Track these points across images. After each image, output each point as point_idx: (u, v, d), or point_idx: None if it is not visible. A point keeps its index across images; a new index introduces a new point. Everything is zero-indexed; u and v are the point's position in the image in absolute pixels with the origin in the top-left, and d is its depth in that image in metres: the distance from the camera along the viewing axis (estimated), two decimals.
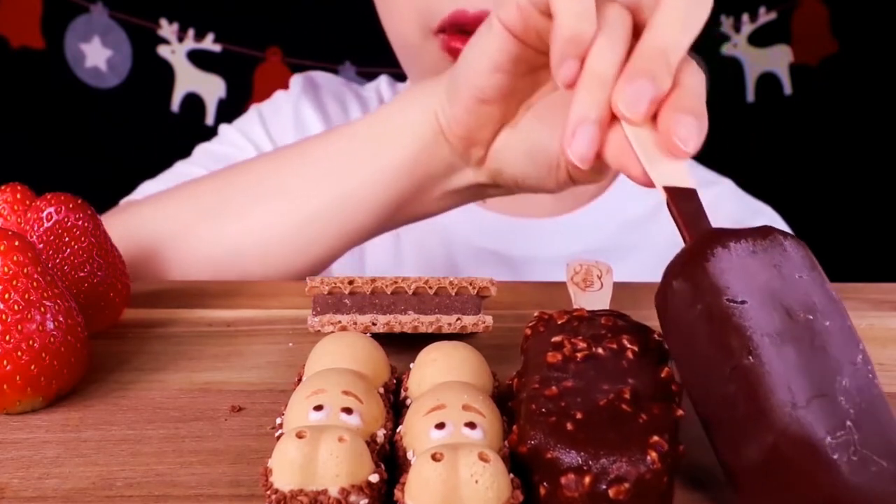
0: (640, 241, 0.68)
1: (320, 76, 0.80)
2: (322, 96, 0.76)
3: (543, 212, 0.69)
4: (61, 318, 0.36)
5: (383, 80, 0.79)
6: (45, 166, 1.27)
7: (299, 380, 0.35)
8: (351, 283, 0.41)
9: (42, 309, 0.36)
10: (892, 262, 1.21)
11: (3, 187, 0.44)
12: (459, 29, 0.53)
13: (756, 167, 1.29)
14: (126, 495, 0.31)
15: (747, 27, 1.34)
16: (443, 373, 0.34)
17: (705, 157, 0.76)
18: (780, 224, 0.70)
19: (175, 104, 1.51)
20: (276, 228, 0.51)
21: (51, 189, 0.43)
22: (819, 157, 1.32)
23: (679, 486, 0.31)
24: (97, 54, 1.39)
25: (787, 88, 1.35)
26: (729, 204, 0.71)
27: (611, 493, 0.28)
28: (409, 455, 0.30)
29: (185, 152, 0.75)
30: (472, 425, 0.29)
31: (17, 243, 0.36)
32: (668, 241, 0.65)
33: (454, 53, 0.53)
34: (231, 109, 1.34)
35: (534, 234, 0.69)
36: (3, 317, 0.35)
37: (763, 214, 0.72)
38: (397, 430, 0.32)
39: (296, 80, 0.78)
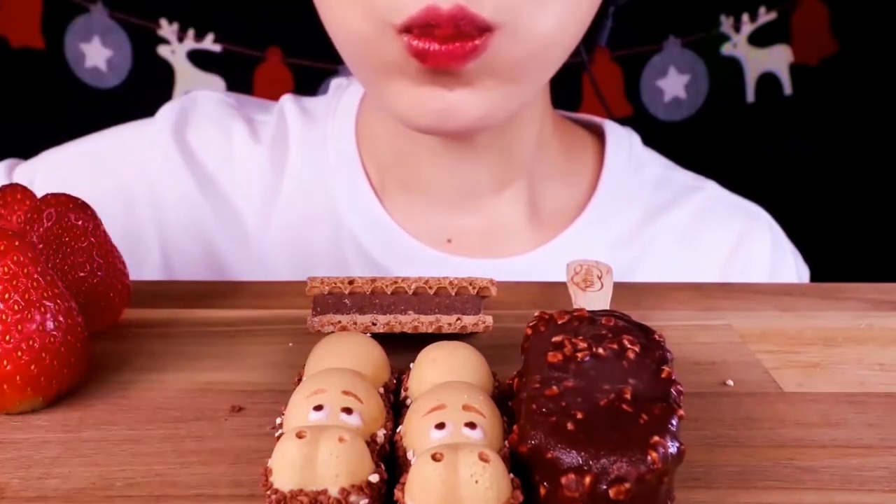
0: (632, 262, 0.61)
1: (202, 102, 0.66)
2: (188, 134, 0.64)
3: (516, 248, 0.61)
4: (61, 318, 0.36)
5: (287, 101, 0.66)
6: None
7: (299, 380, 0.35)
8: (351, 283, 0.41)
9: (42, 309, 0.36)
10: (892, 262, 1.21)
11: (2, 187, 0.44)
12: (429, 29, 0.46)
13: (756, 167, 1.29)
14: (126, 495, 0.31)
15: (747, 27, 1.34)
16: (443, 373, 0.34)
17: (706, 157, 0.76)
18: (773, 225, 0.66)
19: None
20: None
21: None
22: (819, 157, 1.32)
23: (679, 486, 0.31)
24: (97, 54, 1.39)
25: (787, 88, 1.35)
26: (717, 210, 0.65)
27: (611, 493, 0.28)
28: (409, 455, 0.30)
29: None
30: (472, 425, 0.29)
31: (17, 243, 0.36)
32: (659, 263, 0.64)
33: (424, 57, 0.47)
34: None
35: (507, 276, 0.58)
36: (3, 317, 0.35)
37: (758, 217, 0.66)
38: (397, 430, 0.32)
39: (165, 115, 0.65)
